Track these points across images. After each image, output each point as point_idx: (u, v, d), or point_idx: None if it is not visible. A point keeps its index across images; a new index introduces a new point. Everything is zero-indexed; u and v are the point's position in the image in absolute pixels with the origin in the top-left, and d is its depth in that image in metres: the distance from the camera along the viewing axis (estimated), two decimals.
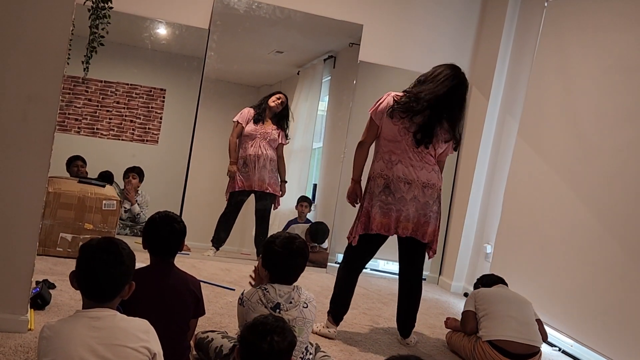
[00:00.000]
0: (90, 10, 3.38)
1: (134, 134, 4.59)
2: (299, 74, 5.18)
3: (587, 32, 3.93)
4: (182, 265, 2.31)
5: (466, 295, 3.23)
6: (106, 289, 1.64)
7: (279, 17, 4.69)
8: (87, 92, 4.46)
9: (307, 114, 5.16)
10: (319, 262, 4.79)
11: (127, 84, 4.56)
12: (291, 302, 2.17)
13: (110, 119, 4.53)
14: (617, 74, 3.62)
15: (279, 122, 4.75)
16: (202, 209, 4.64)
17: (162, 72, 4.72)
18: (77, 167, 4.35)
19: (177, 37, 4.62)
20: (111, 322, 1.61)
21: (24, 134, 2.24)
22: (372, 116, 2.97)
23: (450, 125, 2.95)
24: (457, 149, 3.08)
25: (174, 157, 4.68)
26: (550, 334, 3.61)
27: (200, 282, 2.28)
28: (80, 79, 4.11)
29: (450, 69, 2.97)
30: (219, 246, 4.61)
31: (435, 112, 2.89)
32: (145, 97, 4.62)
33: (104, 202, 3.71)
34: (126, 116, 4.56)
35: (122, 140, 4.57)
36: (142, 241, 2.21)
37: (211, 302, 3.18)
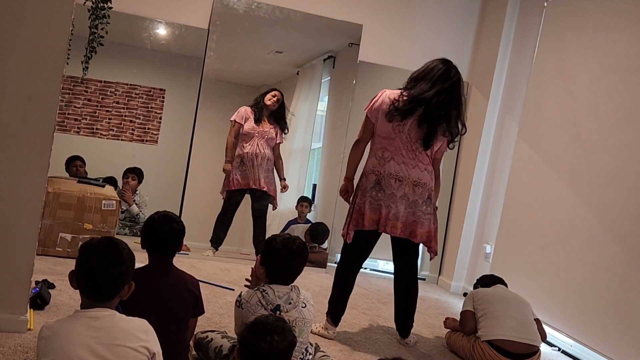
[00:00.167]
0: (90, 10, 3.38)
1: (133, 134, 4.59)
2: (298, 74, 5.18)
3: (587, 32, 3.94)
4: (182, 265, 2.31)
5: (465, 295, 3.23)
6: (106, 289, 1.64)
7: (279, 17, 4.69)
8: (87, 92, 4.47)
9: (306, 114, 5.16)
10: (319, 262, 4.80)
11: (127, 84, 4.56)
12: (290, 303, 2.17)
13: (109, 119, 4.53)
14: (616, 74, 3.62)
15: (277, 120, 4.74)
16: (202, 209, 4.64)
17: (161, 72, 4.72)
18: (75, 167, 4.35)
19: (177, 37, 4.62)
20: (110, 322, 1.61)
21: (24, 134, 2.24)
22: (367, 114, 2.97)
23: (446, 123, 2.93)
24: (452, 147, 3.06)
25: (173, 157, 4.68)
26: (549, 333, 3.62)
27: (199, 282, 2.28)
28: (79, 79, 4.11)
29: (443, 63, 2.95)
30: (218, 246, 4.61)
31: (431, 112, 2.89)
32: (144, 97, 4.62)
33: (104, 202, 3.71)
34: (126, 116, 4.56)
35: (122, 140, 4.57)
36: (140, 241, 2.21)
37: (211, 302, 3.18)
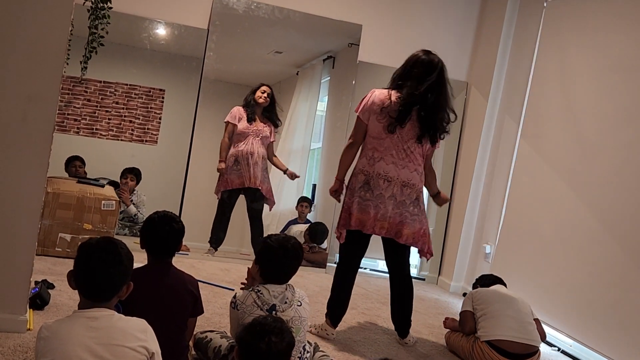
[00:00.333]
0: (89, 10, 3.37)
1: (133, 134, 4.59)
2: (298, 74, 5.18)
3: (587, 32, 3.94)
4: (181, 265, 2.31)
5: (465, 295, 3.23)
6: (104, 289, 1.64)
7: (278, 17, 4.69)
8: (86, 92, 4.47)
9: (306, 114, 5.16)
10: (318, 263, 4.80)
11: (126, 84, 4.56)
12: (286, 302, 2.17)
13: (109, 119, 4.53)
14: (616, 74, 3.62)
15: (269, 117, 4.71)
16: (202, 209, 4.64)
17: (161, 72, 4.72)
18: (75, 167, 4.34)
19: (176, 37, 4.62)
20: (109, 322, 1.61)
21: (23, 134, 2.25)
22: (359, 116, 2.96)
23: (440, 118, 2.92)
24: (443, 137, 3.02)
25: (173, 157, 4.68)
26: (549, 333, 3.62)
27: (198, 282, 2.28)
28: (79, 79, 4.11)
29: (424, 53, 2.96)
30: (217, 246, 4.60)
31: (426, 111, 2.88)
32: (144, 97, 4.62)
33: (103, 202, 3.71)
34: (125, 116, 4.56)
35: (121, 140, 4.57)
36: (140, 241, 2.21)
37: (210, 302, 3.18)
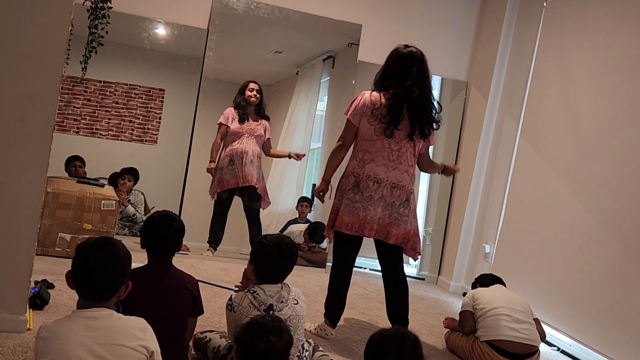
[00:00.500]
0: (89, 10, 3.38)
1: (132, 134, 4.59)
2: (298, 74, 5.19)
3: (586, 32, 3.94)
4: (181, 265, 2.32)
5: (465, 295, 3.23)
6: (102, 289, 1.64)
7: (278, 17, 4.69)
8: (86, 92, 4.47)
9: (306, 114, 5.16)
10: (318, 262, 4.80)
11: (126, 84, 4.56)
12: (282, 301, 2.17)
13: (109, 119, 4.53)
14: (616, 74, 3.63)
15: (261, 113, 4.68)
16: (201, 209, 4.64)
17: (161, 72, 4.72)
18: (75, 167, 4.34)
19: (176, 37, 4.62)
20: (108, 322, 1.61)
21: (23, 134, 2.25)
22: (349, 118, 2.91)
23: (428, 113, 2.92)
24: (437, 127, 3.02)
25: (173, 157, 4.68)
26: (549, 333, 3.62)
27: (198, 282, 2.28)
28: (79, 79, 4.11)
29: (404, 47, 2.94)
30: (216, 246, 4.60)
31: (414, 109, 2.87)
32: (144, 97, 4.62)
33: (103, 202, 3.71)
34: (125, 116, 4.57)
35: (121, 140, 4.57)
36: (140, 240, 2.21)
37: (210, 302, 3.18)
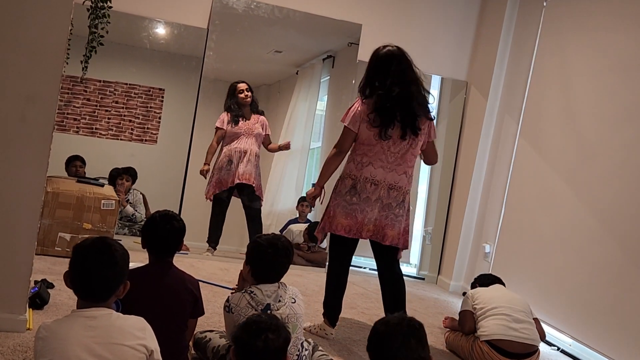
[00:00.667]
0: (89, 9, 3.37)
1: (132, 134, 4.59)
2: (297, 73, 5.19)
3: (586, 32, 3.94)
4: (181, 264, 2.31)
5: (465, 294, 3.23)
6: (100, 290, 1.64)
7: (278, 16, 4.69)
8: (86, 91, 4.47)
9: (306, 113, 5.16)
10: (318, 262, 4.80)
11: (126, 84, 4.56)
12: (280, 300, 2.17)
13: (109, 119, 4.53)
14: (616, 73, 3.63)
15: (256, 111, 4.68)
16: (201, 209, 4.64)
17: (160, 71, 4.72)
18: (75, 167, 4.34)
19: (176, 36, 4.62)
20: (107, 321, 1.61)
21: (23, 134, 2.25)
22: (347, 125, 2.89)
23: (417, 106, 2.89)
24: (431, 117, 2.98)
25: (172, 156, 4.68)
26: (549, 333, 3.62)
27: (199, 282, 2.28)
28: (79, 78, 4.11)
29: (382, 47, 2.93)
30: (215, 245, 4.60)
31: (403, 110, 2.85)
32: (144, 96, 4.62)
33: (103, 201, 3.71)
34: (125, 116, 4.57)
35: (121, 140, 4.57)
36: (141, 240, 2.21)
37: (210, 301, 3.18)
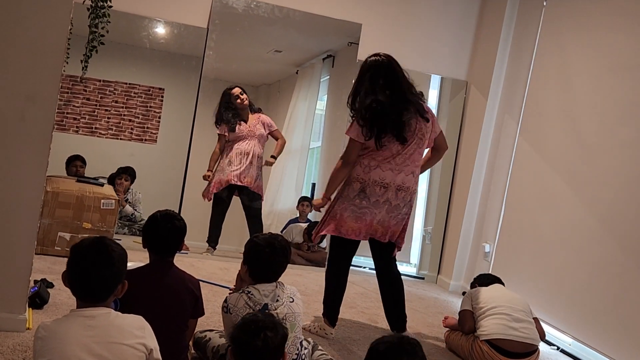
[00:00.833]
0: (89, 9, 3.37)
1: (132, 133, 4.59)
2: (297, 73, 5.18)
3: (586, 31, 3.94)
4: (181, 264, 2.31)
5: (464, 294, 3.24)
6: (98, 291, 1.64)
7: (278, 16, 4.69)
8: (86, 91, 4.46)
9: (305, 113, 5.16)
10: (318, 262, 4.80)
11: (126, 83, 4.56)
12: (278, 300, 2.16)
13: (108, 118, 4.53)
14: (616, 73, 3.62)
15: (254, 109, 4.68)
16: (201, 208, 4.64)
17: (160, 71, 4.72)
18: (75, 167, 4.33)
19: (176, 36, 4.62)
20: (106, 320, 1.61)
21: (22, 134, 2.24)
22: (353, 138, 2.88)
23: (412, 106, 2.89)
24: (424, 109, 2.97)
25: (172, 156, 4.68)
26: (549, 332, 3.62)
27: (199, 282, 2.28)
28: (78, 78, 4.11)
29: (365, 61, 2.94)
30: (215, 244, 4.61)
31: (397, 116, 2.85)
32: (143, 96, 4.62)
33: (103, 201, 3.71)
34: (125, 115, 4.56)
35: (121, 139, 4.57)
36: (142, 240, 2.21)
37: (209, 301, 3.18)
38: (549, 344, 3.68)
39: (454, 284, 4.86)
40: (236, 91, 4.60)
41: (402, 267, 3.20)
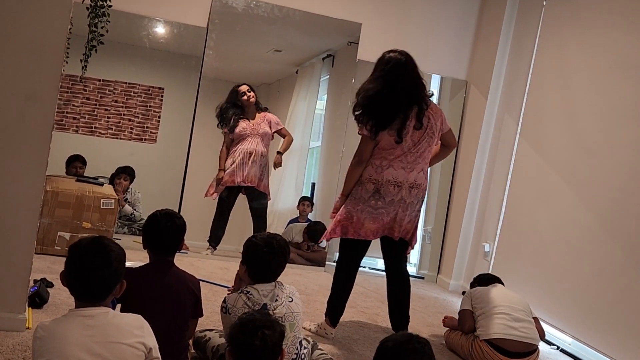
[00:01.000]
0: (89, 8, 3.37)
1: (132, 133, 4.59)
2: (297, 72, 5.18)
3: (586, 30, 3.94)
4: (181, 263, 2.31)
5: (464, 294, 3.23)
6: (96, 291, 1.64)
7: (278, 15, 4.69)
8: (86, 90, 4.46)
9: (305, 112, 5.15)
10: (317, 261, 4.80)
11: (126, 83, 4.56)
12: (277, 300, 2.15)
13: (108, 118, 4.53)
14: (616, 72, 3.62)
15: (262, 109, 4.69)
16: (201, 208, 4.64)
17: (160, 70, 4.72)
18: (75, 167, 4.32)
19: (176, 35, 4.62)
20: (105, 320, 1.60)
21: (22, 133, 2.24)
22: (366, 135, 2.89)
23: (417, 103, 2.91)
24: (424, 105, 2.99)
25: (172, 156, 4.68)
26: (548, 332, 3.62)
27: (200, 282, 2.27)
28: (78, 77, 4.11)
29: (388, 53, 3.03)
30: (216, 245, 4.60)
31: (401, 105, 2.88)
32: (143, 95, 4.61)
33: (102, 200, 3.71)
34: (124, 115, 4.56)
35: (121, 139, 4.57)
36: (142, 239, 2.20)
37: (209, 300, 3.18)
38: (549, 343, 3.68)
39: (454, 283, 4.86)
40: (243, 88, 4.61)
41: None
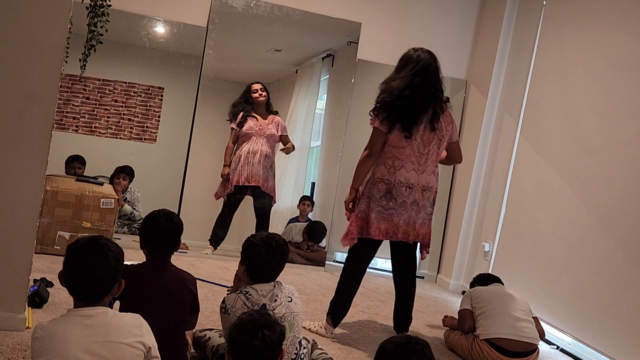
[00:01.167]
0: (88, 8, 3.37)
1: (132, 133, 4.59)
2: (297, 72, 5.18)
3: (586, 30, 3.94)
4: (181, 263, 2.31)
5: (464, 293, 3.24)
6: (94, 290, 1.63)
7: (277, 15, 4.69)
8: (85, 90, 4.46)
9: (305, 112, 5.15)
10: (317, 261, 4.80)
11: (125, 82, 4.56)
12: (276, 300, 2.14)
13: (108, 117, 4.53)
14: (616, 71, 3.62)
15: (270, 111, 4.70)
16: (200, 208, 4.64)
17: (160, 70, 4.72)
18: (74, 168, 4.31)
19: (175, 35, 4.62)
20: (103, 319, 1.60)
21: (22, 133, 2.24)
22: (378, 127, 2.91)
23: (433, 103, 2.96)
24: (445, 107, 3.04)
25: (172, 155, 4.68)
26: (548, 331, 3.62)
27: (196, 279, 2.27)
28: (78, 77, 4.10)
29: (415, 51, 3.11)
30: (217, 245, 4.60)
31: (419, 105, 2.91)
32: (143, 95, 4.61)
33: (102, 200, 3.71)
34: (124, 114, 4.56)
35: (120, 138, 4.57)
36: (139, 240, 2.20)
37: (209, 300, 3.18)
38: (549, 343, 3.68)
39: (454, 283, 4.86)
40: (256, 86, 4.65)
41: None
